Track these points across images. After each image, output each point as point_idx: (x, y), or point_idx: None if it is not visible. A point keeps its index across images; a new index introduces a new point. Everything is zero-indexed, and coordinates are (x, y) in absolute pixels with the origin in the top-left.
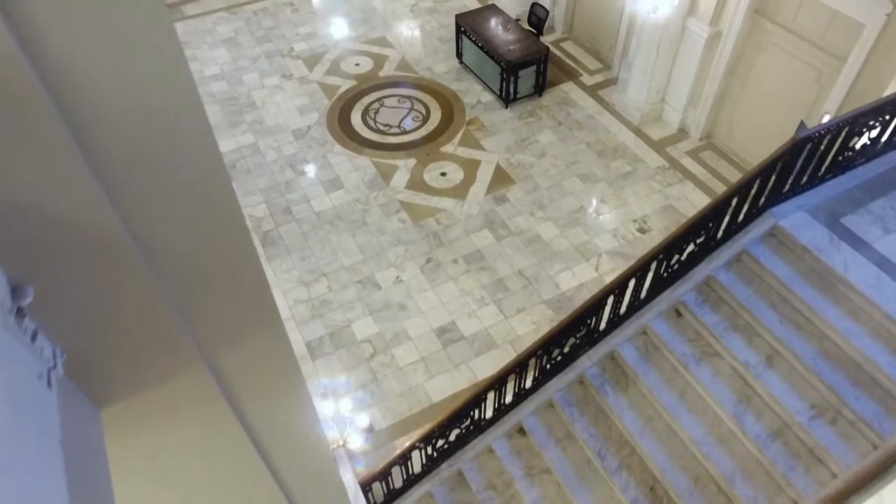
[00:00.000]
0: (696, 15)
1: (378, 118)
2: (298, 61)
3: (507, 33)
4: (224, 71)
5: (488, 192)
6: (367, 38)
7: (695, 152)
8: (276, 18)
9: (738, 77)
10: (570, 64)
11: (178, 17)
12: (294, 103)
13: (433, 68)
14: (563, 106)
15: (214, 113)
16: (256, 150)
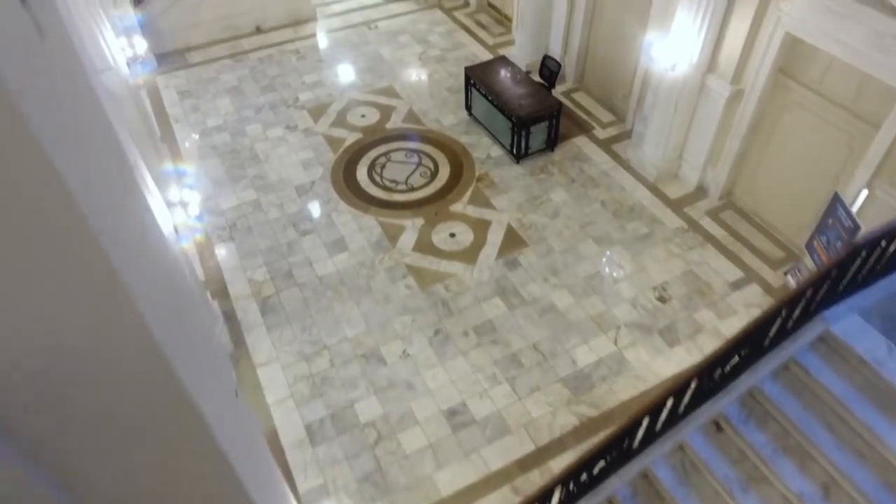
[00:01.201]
0: (717, 72)
1: (385, 174)
2: (303, 112)
3: (517, 86)
4: (227, 122)
5: (499, 256)
6: (374, 88)
7: (714, 212)
8: (281, 66)
9: (761, 136)
10: (582, 116)
11: (182, 65)
12: (298, 157)
13: (441, 120)
14: (576, 161)
15: (216, 166)
16: (258, 207)
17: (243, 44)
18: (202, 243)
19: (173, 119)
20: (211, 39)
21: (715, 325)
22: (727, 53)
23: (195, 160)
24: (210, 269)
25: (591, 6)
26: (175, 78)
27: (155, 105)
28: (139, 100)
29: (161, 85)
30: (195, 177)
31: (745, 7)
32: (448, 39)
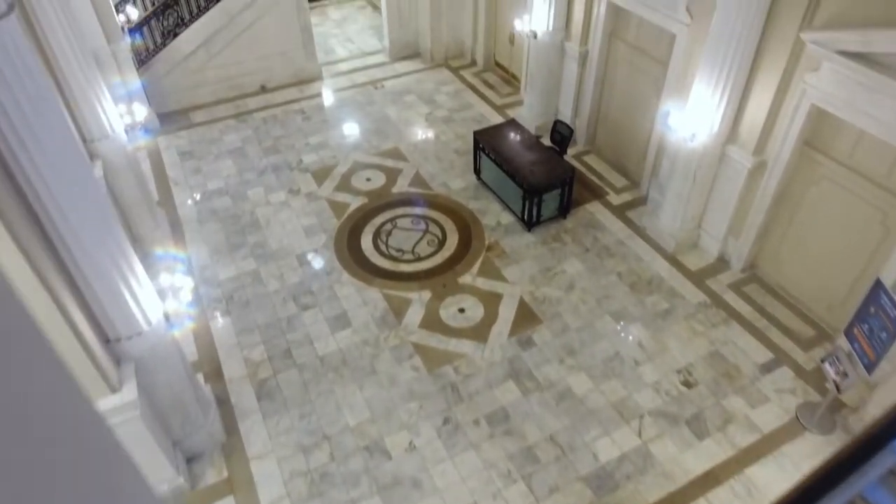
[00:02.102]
0: (738, 143)
1: (390, 242)
2: (307, 175)
3: (528, 152)
4: (228, 185)
5: (512, 334)
6: (380, 150)
7: (738, 286)
8: (285, 127)
9: (786, 209)
10: (595, 180)
11: (184, 126)
12: (301, 223)
13: (449, 184)
14: (590, 229)
15: (215, 232)
16: (257, 278)
17: (248, 103)
18: (197, 316)
19: (173, 182)
20: (215, 99)
21: (746, 414)
22: (749, 124)
23: (194, 225)
24: (204, 346)
25: (603, 70)
26: (177, 138)
27: (155, 167)
28: (136, 166)
29: (162, 146)
30: (193, 240)
31: (768, 78)
32: (455, 99)
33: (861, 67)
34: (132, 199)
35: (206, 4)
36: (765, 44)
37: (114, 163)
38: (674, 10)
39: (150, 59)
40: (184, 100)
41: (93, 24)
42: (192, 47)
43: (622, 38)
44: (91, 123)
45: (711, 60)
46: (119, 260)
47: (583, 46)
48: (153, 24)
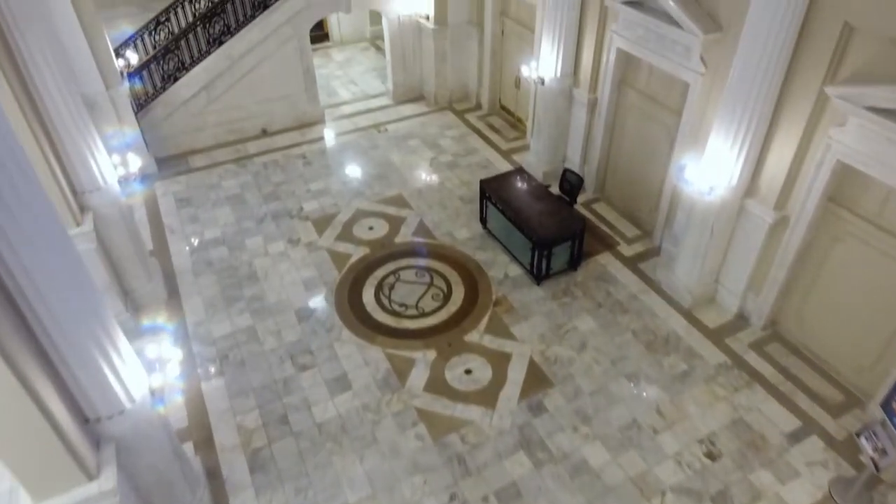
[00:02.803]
0: (758, 197)
1: (393, 296)
2: (307, 223)
3: (537, 202)
4: (226, 234)
5: (522, 398)
6: (383, 197)
7: (759, 345)
8: (286, 172)
9: (810, 266)
10: (605, 230)
11: (183, 170)
12: (300, 275)
13: (454, 234)
14: (602, 283)
15: (211, 284)
16: (253, 335)
17: (248, 147)
18: (189, 377)
19: (169, 230)
20: (215, 143)
21: (776, 492)
22: (769, 178)
23: (189, 277)
24: (195, 411)
25: (613, 117)
26: (175, 184)
27: (151, 214)
28: (130, 217)
29: (159, 192)
30: (188, 293)
31: (789, 132)
32: (460, 144)
33: (892, 124)
34: (124, 251)
35: (208, 48)
36: (786, 96)
37: (105, 215)
38: (687, 59)
39: (150, 104)
40: (183, 144)
41: (90, 70)
42: (192, 91)
43: (633, 85)
44: (82, 175)
45: (729, 112)
46: (99, 334)
47: (592, 93)
48: (153, 69)
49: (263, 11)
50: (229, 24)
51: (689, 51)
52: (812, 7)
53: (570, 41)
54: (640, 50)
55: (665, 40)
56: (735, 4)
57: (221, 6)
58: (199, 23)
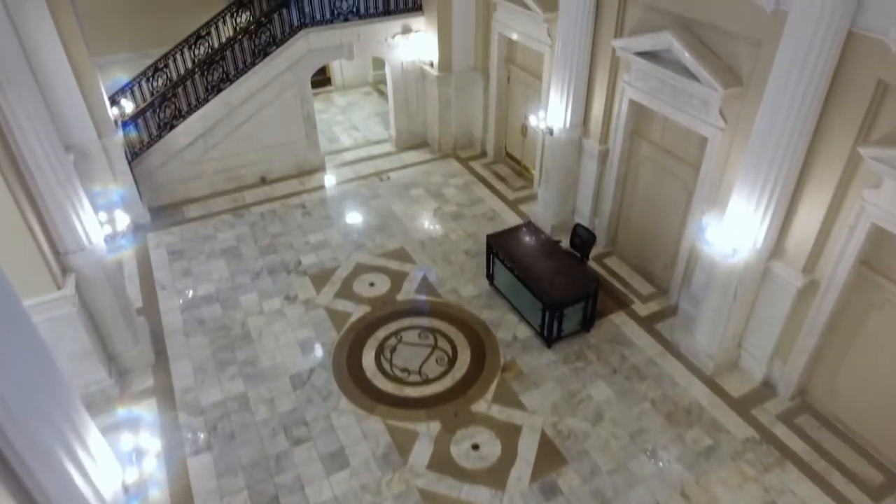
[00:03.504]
0: (784, 259)
1: (395, 359)
2: (305, 279)
3: (547, 260)
4: (219, 290)
5: (534, 478)
6: (385, 250)
7: (788, 417)
8: (284, 223)
9: (842, 333)
10: (618, 286)
11: (178, 221)
12: (296, 335)
13: (460, 291)
14: (616, 345)
15: (201, 347)
16: (245, 403)
17: (246, 196)
18: (174, 454)
19: (160, 285)
20: (212, 192)
21: None
22: (797, 240)
23: (178, 338)
24: (179, 493)
25: (625, 169)
26: (169, 235)
27: (142, 267)
28: (116, 277)
29: (152, 244)
30: (177, 356)
31: (819, 192)
32: (465, 193)
33: None
34: (109, 313)
35: (206, 96)
36: (814, 155)
37: (89, 276)
38: (705, 113)
39: (145, 152)
40: (178, 193)
41: (83, 119)
42: (189, 139)
43: (646, 136)
44: (65, 235)
45: (752, 171)
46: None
47: (603, 144)
48: (149, 116)
49: (264, 59)
50: (228, 71)
51: (707, 104)
52: (843, 63)
53: (580, 91)
54: (654, 102)
55: (681, 93)
56: (757, 58)
57: (221, 53)
58: (198, 70)
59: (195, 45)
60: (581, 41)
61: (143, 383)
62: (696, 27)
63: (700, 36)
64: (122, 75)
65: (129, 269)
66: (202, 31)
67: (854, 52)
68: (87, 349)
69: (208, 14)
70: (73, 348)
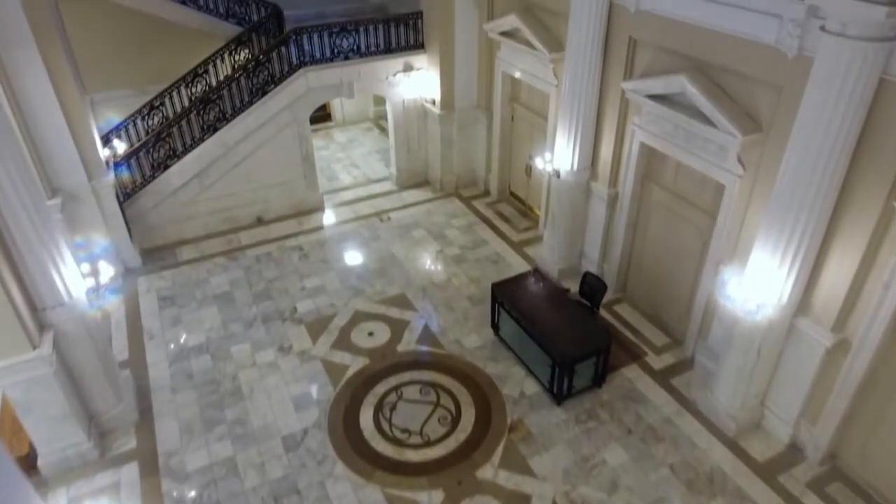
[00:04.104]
0: (811, 316)
1: (395, 418)
2: (301, 327)
3: (555, 311)
4: (210, 340)
5: None
6: (385, 296)
7: (818, 484)
8: (280, 267)
9: (877, 396)
10: (629, 336)
11: (170, 264)
12: (290, 391)
13: (463, 341)
14: (631, 402)
15: (189, 404)
16: (233, 468)
17: (241, 237)
18: None
19: (148, 335)
20: (206, 233)
21: None
22: (825, 296)
23: (165, 394)
24: None
25: (635, 213)
26: (160, 279)
27: (130, 315)
28: (99, 331)
29: (142, 289)
30: (162, 414)
31: (849, 247)
32: (468, 235)
33: None
34: (89, 371)
35: (202, 136)
36: (844, 208)
37: (69, 332)
38: (721, 159)
39: (137, 193)
40: (171, 234)
41: (72, 161)
42: (183, 180)
43: (658, 181)
44: (43, 290)
45: (777, 223)
46: None
47: (612, 188)
48: (142, 157)
49: (262, 97)
50: (225, 110)
51: (725, 150)
52: (874, 111)
53: (588, 133)
54: (667, 146)
55: (696, 138)
56: (777, 104)
57: (217, 92)
58: (194, 109)
59: (192, 82)
60: (589, 82)
61: (124, 445)
62: (711, 70)
63: (715, 79)
64: (114, 116)
65: (117, 317)
66: (200, 68)
67: (886, 101)
68: (64, 412)
69: (208, 51)
70: (49, 411)
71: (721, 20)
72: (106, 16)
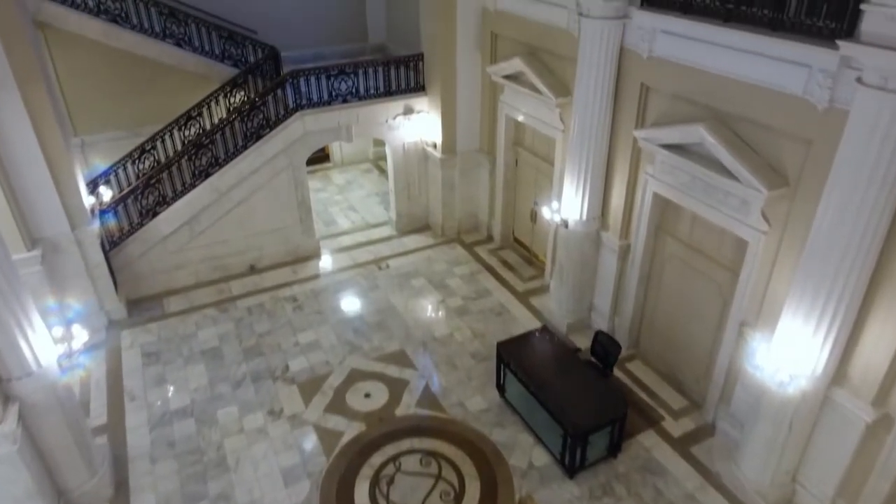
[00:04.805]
0: (849, 388)
1: (393, 493)
2: (293, 388)
3: (567, 375)
4: (195, 402)
5: None
6: (383, 353)
7: None
8: (273, 319)
9: None
10: (643, 397)
11: (156, 315)
12: (279, 462)
13: (466, 404)
14: (649, 475)
15: (169, 475)
16: None
17: (233, 287)
18: None
19: (129, 396)
20: (196, 282)
21: None
22: (864, 366)
23: (143, 464)
24: None
25: (649, 266)
26: (145, 333)
27: (111, 374)
28: (69, 402)
29: (125, 343)
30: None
31: (891, 315)
32: (470, 284)
33: None
34: (60, 444)
35: (193, 181)
36: (885, 271)
37: (38, 403)
38: (744, 214)
39: (124, 241)
40: (158, 284)
41: (54, 210)
42: (173, 227)
43: (673, 233)
44: (9, 361)
45: (811, 286)
46: None
47: (623, 239)
48: (130, 203)
49: (257, 142)
50: (217, 155)
51: (747, 205)
52: None
53: (598, 181)
54: (683, 197)
55: (715, 190)
56: (806, 158)
57: (210, 137)
58: (185, 154)
59: (185, 125)
60: (598, 129)
61: None
62: (732, 120)
63: (737, 130)
64: (101, 163)
65: (97, 376)
66: (193, 111)
67: None
68: (29, 491)
69: (203, 92)
70: (12, 490)
71: (742, 69)
72: (99, 57)
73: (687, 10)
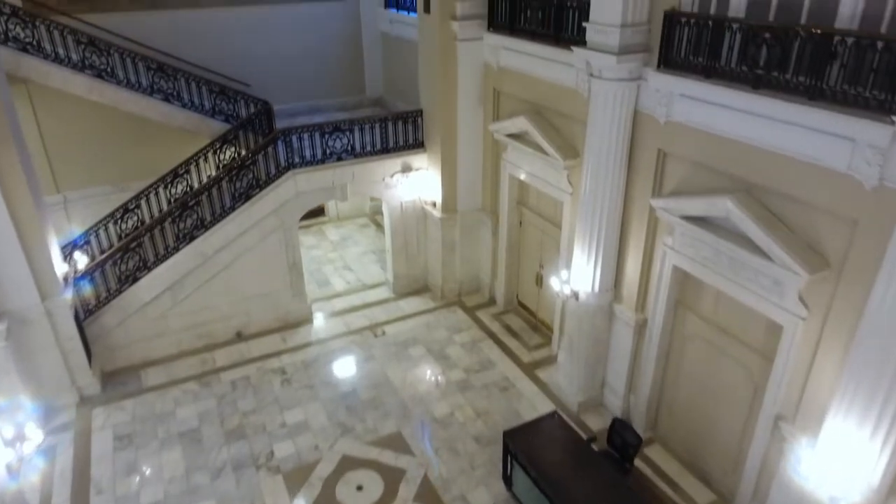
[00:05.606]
0: None
1: None
2: (277, 478)
3: (580, 471)
4: (169, 496)
5: None
6: (378, 436)
7: None
8: (258, 396)
9: None
10: (665, 489)
11: (133, 390)
12: None
13: (469, 497)
14: None
15: None
16: None
17: (217, 357)
18: None
19: (95, 488)
20: (177, 351)
21: None
22: None
23: None
24: None
25: (668, 343)
26: (119, 411)
27: (78, 461)
28: None
29: (97, 423)
30: None
31: None
32: (472, 354)
33: None
34: None
35: (176, 244)
36: None
37: None
38: (778, 296)
39: (101, 309)
40: (136, 354)
41: (23, 280)
42: (154, 293)
43: (695, 309)
44: None
45: (866, 388)
46: None
47: (639, 313)
48: (108, 268)
49: (245, 202)
50: (203, 217)
51: (781, 286)
52: None
53: (611, 251)
54: (706, 273)
55: (743, 267)
56: (852, 240)
57: (195, 198)
58: (169, 216)
59: (172, 183)
60: (611, 195)
61: None
62: (762, 193)
63: (768, 204)
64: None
65: (63, 464)
66: (181, 168)
67: None
68: None
69: (192, 146)
70: None
71: (774, 139)
72: (85, 112)
73: (710, 74)
